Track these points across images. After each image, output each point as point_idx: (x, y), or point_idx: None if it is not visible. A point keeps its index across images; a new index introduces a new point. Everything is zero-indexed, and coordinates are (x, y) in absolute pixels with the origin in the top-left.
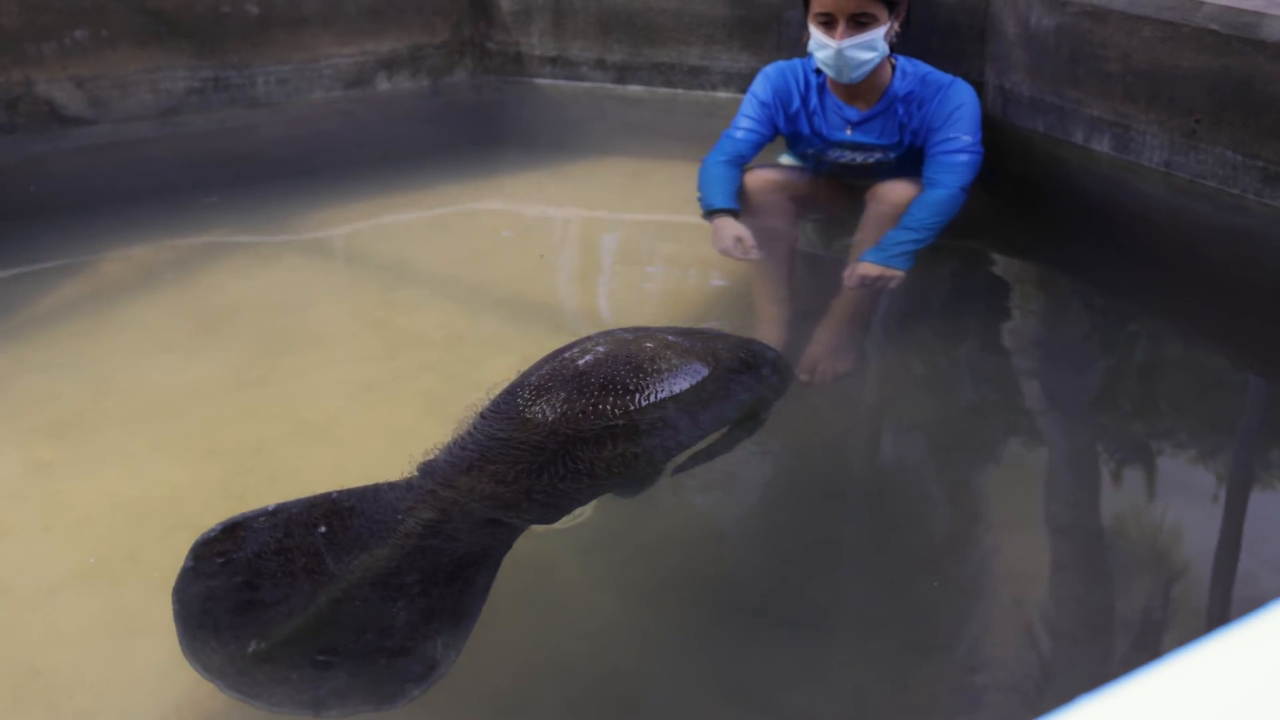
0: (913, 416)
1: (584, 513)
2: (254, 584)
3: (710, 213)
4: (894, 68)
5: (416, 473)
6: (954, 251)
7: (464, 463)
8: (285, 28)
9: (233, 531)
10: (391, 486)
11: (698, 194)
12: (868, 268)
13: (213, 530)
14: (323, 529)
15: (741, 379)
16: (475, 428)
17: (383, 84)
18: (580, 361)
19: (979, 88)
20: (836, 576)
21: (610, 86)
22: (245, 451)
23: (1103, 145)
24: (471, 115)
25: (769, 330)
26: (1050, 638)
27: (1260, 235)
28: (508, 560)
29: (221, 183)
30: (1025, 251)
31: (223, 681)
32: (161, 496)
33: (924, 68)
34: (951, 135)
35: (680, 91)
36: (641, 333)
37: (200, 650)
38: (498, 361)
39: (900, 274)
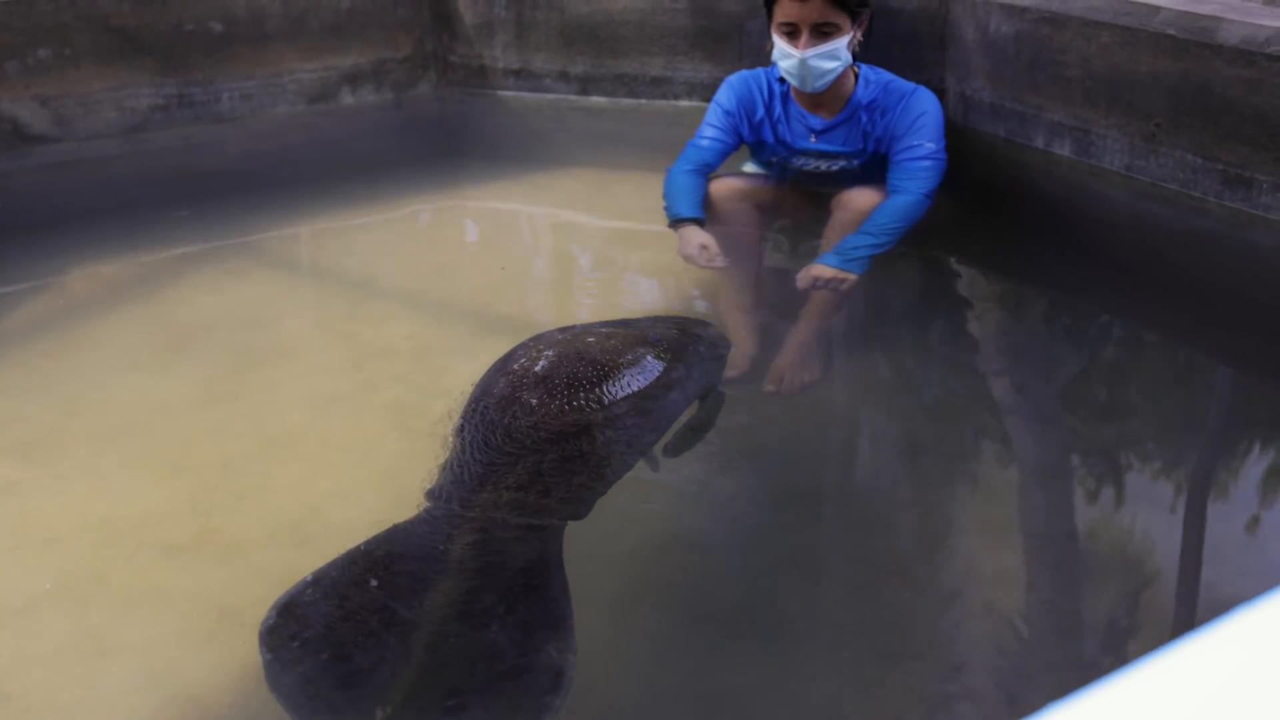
0: (880, 424)
1: None
2: (342, 655)
3: (675, 222)
4: (857, 76)
5: (428, 503)
6: (918, 258)
7: (474, 480)
8: (249, 44)
9: (289, 612)
10: (413, 524)
11: (663, 203)
12: (821, 269)
13: (269, 618)
14: (374, 582)
15: (692, 351)
16: (465, 444)
17: (347, 98)
18: (537, 366)
19: (940, 94)
20: (806, 584)
21: (573, 98)
22: (212, 468)
23: (1064, 150)
24: (435, 128)
25: (735, 340)
26: (1021, 643)
27: (1220, 238)
28: None
29: (188, 198)
30: (989, 257)
31: None
32: (129, 515)
33: (886, 75)
34: (915, 142)
35: (643, 102)
36: (573, 330)
37: (300, 708)
38: (465, 371)
39: (853, 277)
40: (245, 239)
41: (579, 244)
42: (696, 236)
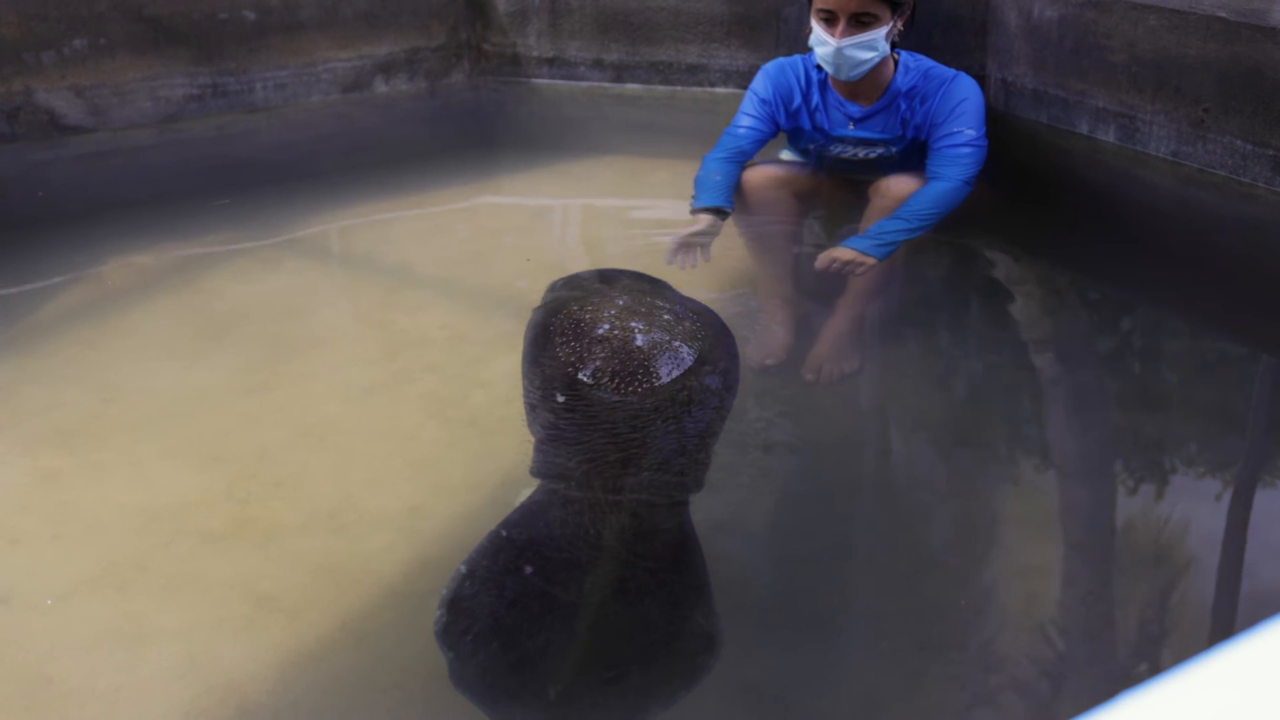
0: (919, 414)
1: None
2: (511, 643)
3: (696, 211)
4: (896, 63)
5: (562, 484)
6: (959, 246)
7: (615, 464)
8: (282, 33)
9: (457, 607)
10: (547, 507)
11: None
12: (841, 252)
13: (440, 616)
14: (528, 569)
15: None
16: (579, 425)
17: (380, 87)
18: (632, 339)
19: (981, 81)
20: (846, 575)
21: (608, 86)
22: (249, 457)
23: (1108, 136)
24: (469, 117)
25: (772, 329)
26: (1062, 635)
27: (1270, 224)
28: None
29: (223, 188)
30: (1031, 245)
31: None
32: (168, 502)
33: (926, 62)
34: (955, 129)
35: (678, 89)
36: (581, 284)
37: (512, 716)
38: (501, 360)
39: (872, 262)
40: (279, 229)
41: (614, 232)
42: (694, 224)
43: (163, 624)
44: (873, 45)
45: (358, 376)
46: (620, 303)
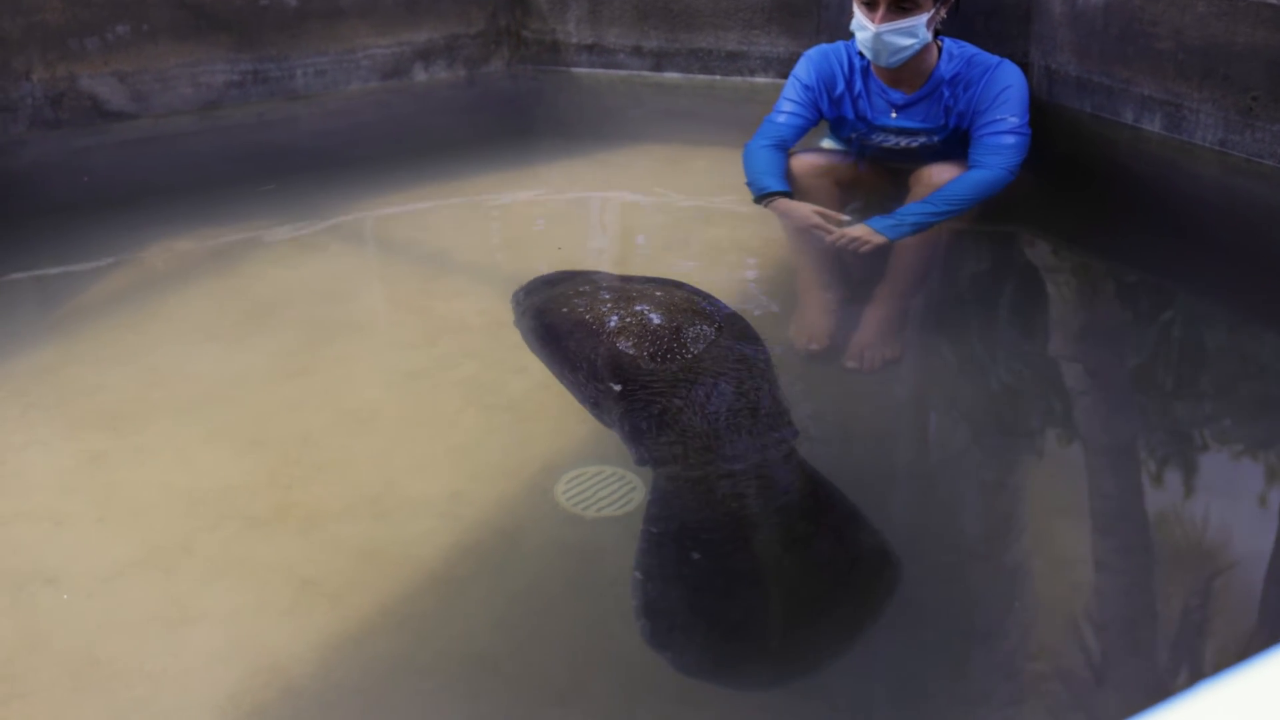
0: (960, 402)
1: (632, 498)
2: (716, 622)
3: (764, 196)
4: (940, 50)
5: (676, 466)
6: (1002, 235)
7: (708, 433)
8: (323, 20)
9: (652, 611)
10: (681, 492)
11: (746, 179)
12: (854, 228)
13: (643, 626)
14: (695, 555)
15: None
16: (691, 407)
17: (419, 74)
18: (691, 325)
19: (1024, 69)
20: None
21: (647, 74)
22: (291, 441)
23: (1154, 125)
24: (508, 104)
25: (814, 316)
26: (1105, 625)
27: None
28: (556, 546)
29: (263, 174)
30: (1074, 234)
31: (784, 683)
32: (211, 486)
33: (970, 49)
34: (998, 117)
35: (718, 78)
36: (592, 286)
37: (748, 678)
38: None
39: (880, 240)
40: (319, 215)
41: (652, 221)
42: (804, 206)
43: (207, 607)
44: (913, 32)
45: (398, 362)
46: (623, 291)
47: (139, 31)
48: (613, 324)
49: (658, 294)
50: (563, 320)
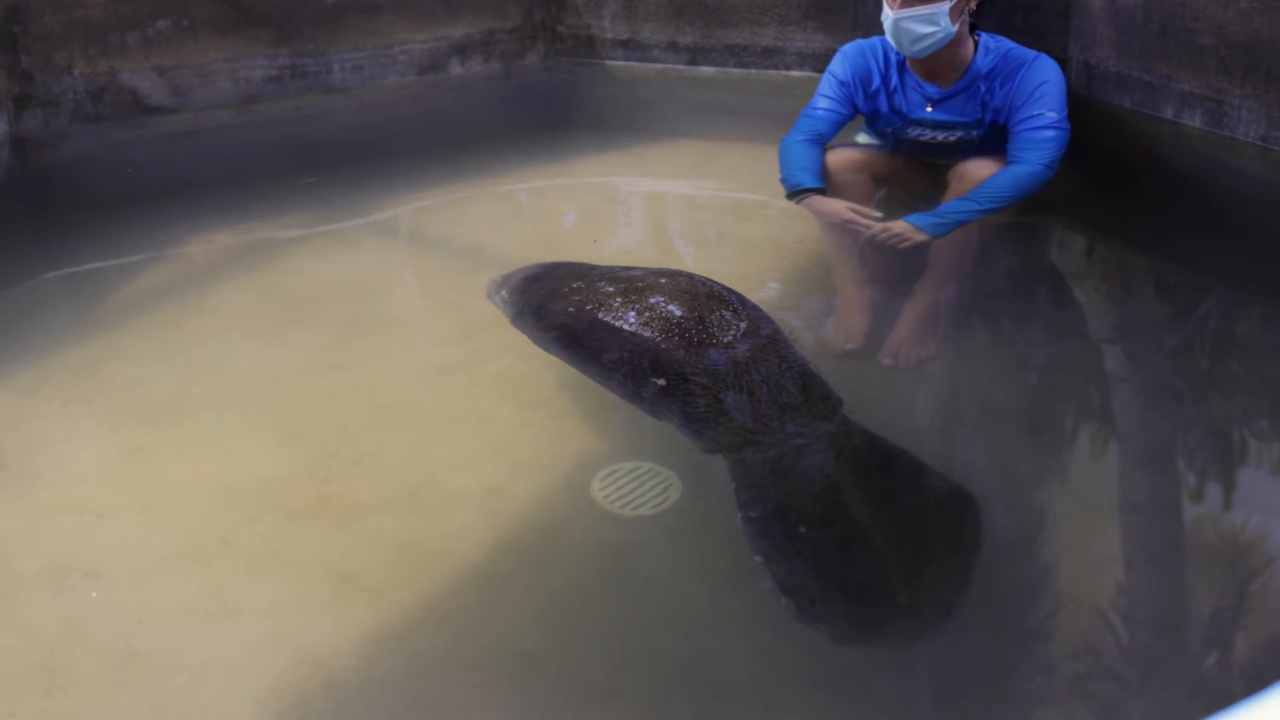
0: (998, 399)
1: (669, 496)
2: (848, 587)
3: (798, 192)
4: (976, 44)
5: (747, 451)
6: (1039, 231)
7: (766, 414)
8: (360, 15)
9: (789, 589)
10: (762, 473)
11: (780, 174)
12: (896, 224)
13: (788, 604)
14: (801, 529)
15: None
16: (761, 383)
17: (455, 68)
18: (724, 311)
19: (1062, 64)
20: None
21: (682, 68)
22: (329, 435)
23: (1194, 120)
24: (543, 98)
25: (851, 313)
26: (1145, 623)
27: None
28: (594, 543)
29: (300, 168)
30: (1113, 230)
31: (930, 635)
32: (251, 479)
33: (1007, 44)
34: (1037, 112)
35: (753, 72)
36: (596, 277)
37: (899, 636)
38: None
39: (923, 237)
40: (356, 209)
41: (686, 215)
42: (838, 203)
43: (248, 599)
44: (933, 19)
45: (434, 356)
46: (633, 282)
47: (179, 26)
48: (643, 317)
49: (664, 281)
50: (583, 318)
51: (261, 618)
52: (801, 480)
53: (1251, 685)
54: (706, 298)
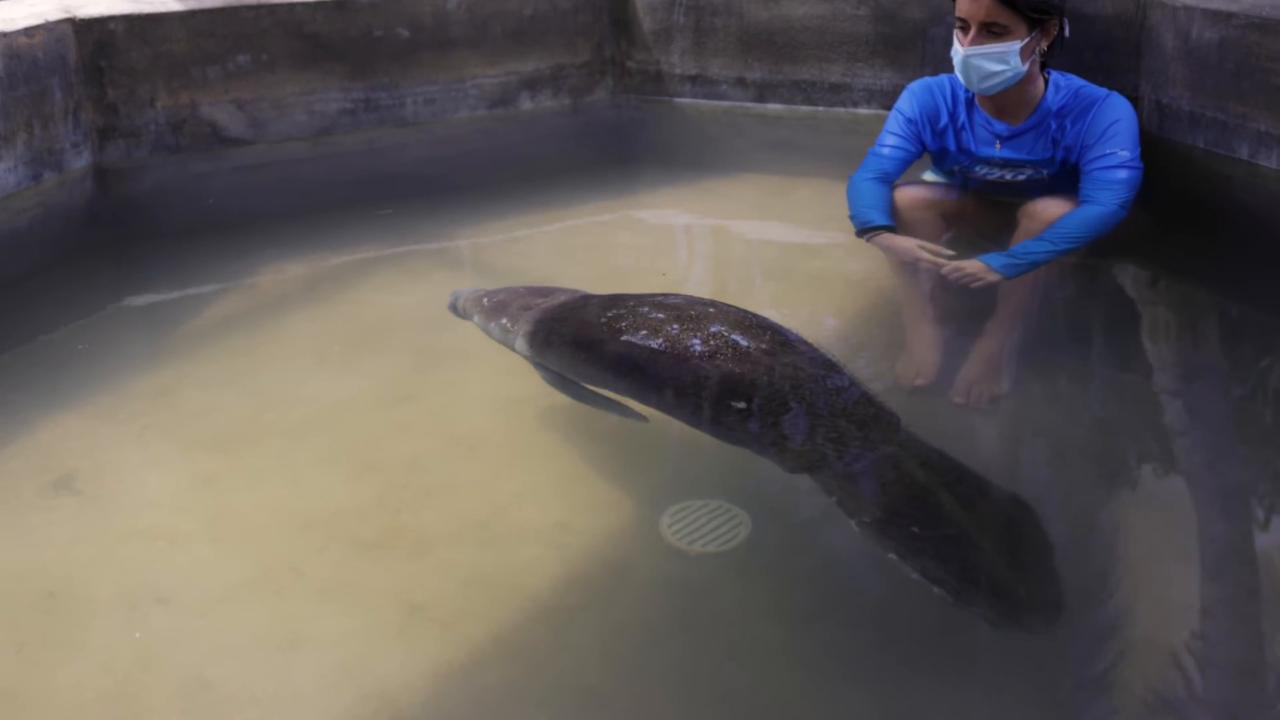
0: (1067, 441)
1: (738, 534)
2: (981, 581)
3: (867, 230)
4: (1046, 82)
5: (831, 467)
6: (1111, 271)
7: (837, 434)
8: (433, 50)
9: (945, 585)
10: (859, 488)
11: (849, 211)
12: (970, 264)
13: (940, 595)
14: (914, 529)
15: None
16: (839, 408)
17: (525, 103)
18: (776, 336)
19: (1134, 102)
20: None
21: (750, 104)
22: (400, 466)
23: (1270, 161)
24: (611, 133)
25: (920, 352)
26: (1222, 671)
27: None
28: (662, 581)
29: (373, 200)
30: (1185, 271)
31: (1060, 616)
32: (321, 509)
33: (1077, 81)
34: (1109, 151)
35: (821, 109)
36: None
37: (1039, 620)
38: None
39: (996, 278)
40: (426, 240)
41: (754, 251)
42: (908, 240)
43: (317, 630)
44: (1003, 58)
45: (504, 387)
46: (675, 309)
47: (258, 61)
48: (709, 345)
49: (708, 309)
50: (642, 348)
51: (331, 649)
52: (895, 489)
53: None
54: (754, 325)
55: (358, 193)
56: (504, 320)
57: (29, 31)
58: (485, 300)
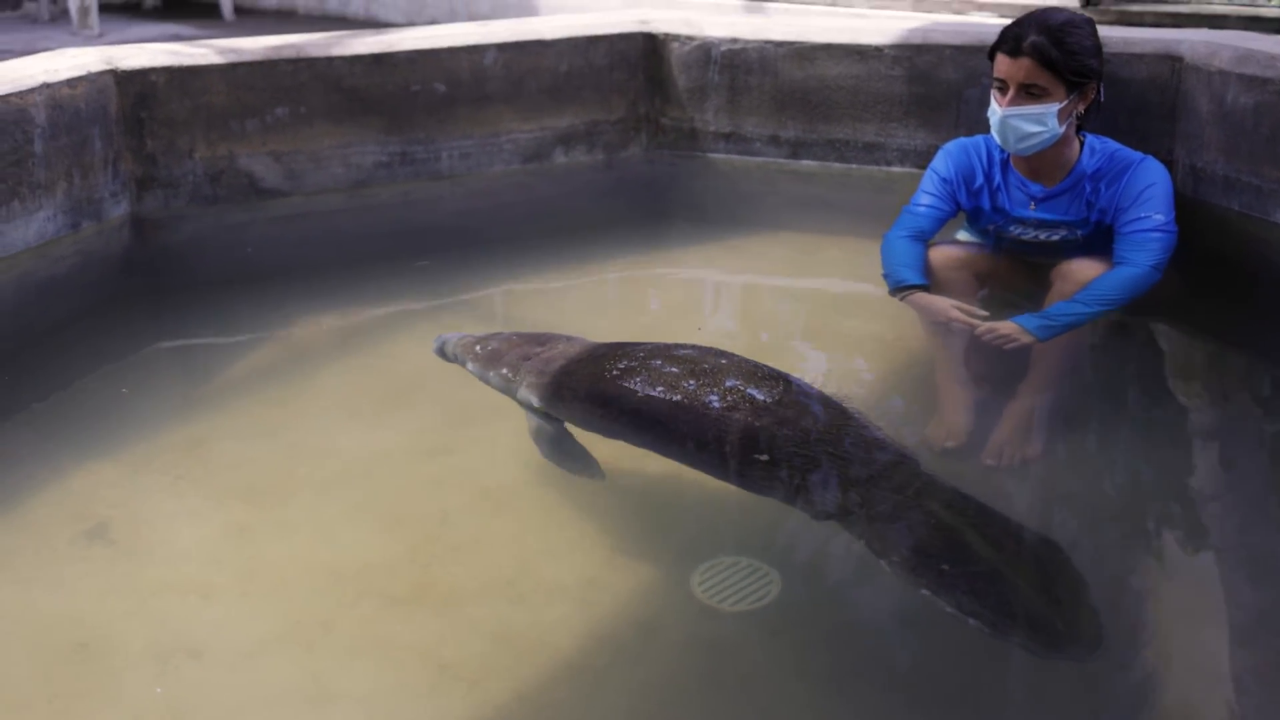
0: (1100, 504)
1: (769, 592)
2: (1021, 614)
3: (901, 288)
4: (1082, 145)
5: (854, 510)
6: (1144, 334)
7: (862, 478)
8: (470, 105)
9: (984, 619)
10: (886, 530)
11: (882, 269)
12: (1004, 325)
13: (972, 625)
14: (944, 566)
15: None
16: (866, 451)
17: (560, 158)
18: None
19: (1168, 166)
20: (1028, 663)
21: (783, 162)
22: (431, 520)
23: None
24: (644, 189)
25: (952, 413)
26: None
27: None
28: (692, 640)
29: (406, 252)
30: (1220, 335)
31: (1102, 646)
32: (352, 562)
33: (1112, 145)
34: (1144, 214)
35: (854, 167)
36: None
37: (1080, 650)
38: None
39: (1029, 340)
40: (459, 294)
41: (786, 308)
42: (942, 300)
43: (347, 686)
44: (1041, 120)
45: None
46: (688, 362)
47: (296, 114)
48: (727, 400)
49: (720, 360)
50: (661, 403)
51: (360, 704)
52: (921, 530)
53: None
54: (767, 375)
55: (393, 245)
56: (504, 370)
57: (72, 83)
58: (479, 347)
